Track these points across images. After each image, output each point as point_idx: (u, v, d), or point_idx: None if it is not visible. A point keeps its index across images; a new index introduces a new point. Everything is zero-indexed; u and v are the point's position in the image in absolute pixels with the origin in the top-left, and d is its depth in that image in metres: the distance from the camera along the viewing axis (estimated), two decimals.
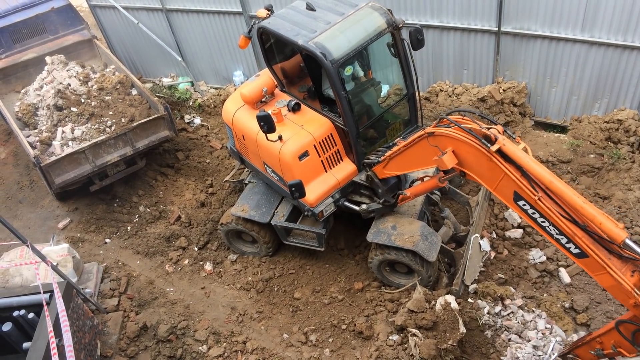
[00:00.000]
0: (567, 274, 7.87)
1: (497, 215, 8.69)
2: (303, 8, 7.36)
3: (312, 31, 6.93)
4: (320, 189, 7.67)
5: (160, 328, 8.03)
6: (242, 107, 8.23)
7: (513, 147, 5.33)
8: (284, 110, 7.77)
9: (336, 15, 7.07)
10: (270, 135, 7.15)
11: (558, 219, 5.16)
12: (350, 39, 6.89)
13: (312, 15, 7.20)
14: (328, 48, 6.75)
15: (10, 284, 7.99)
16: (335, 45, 6.80)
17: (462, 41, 9.88)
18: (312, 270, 8.75)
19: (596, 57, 8.96)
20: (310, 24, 7.07)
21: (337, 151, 7.71)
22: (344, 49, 6.83)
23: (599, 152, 9.24)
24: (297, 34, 7.00)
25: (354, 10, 7.08)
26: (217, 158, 11.18)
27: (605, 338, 5.46)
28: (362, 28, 6.96)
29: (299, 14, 7.33)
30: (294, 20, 7.23)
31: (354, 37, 6.92)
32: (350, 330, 7.75)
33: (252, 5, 11.18)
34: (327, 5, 7.32)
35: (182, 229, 9.90)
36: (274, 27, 7.28)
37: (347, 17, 7.01)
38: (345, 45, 6.85)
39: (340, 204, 7.91)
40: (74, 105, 10.31)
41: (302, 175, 7.39)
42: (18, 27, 11.60)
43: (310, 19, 7.16)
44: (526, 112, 10.15)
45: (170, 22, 12.39)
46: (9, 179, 11.33)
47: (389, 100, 8.01)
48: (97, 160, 9.67)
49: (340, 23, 6.97)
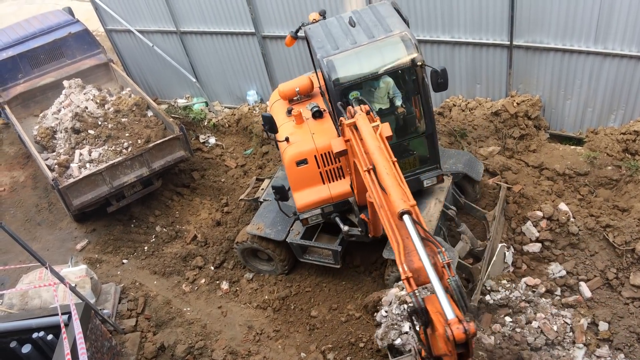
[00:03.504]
0: (587, 288, 7.74)
1: (515, 229, 8.60)
2: (347, 21, 7.28)
3: (335, 47, 6.91)
4: (311, 198, 7.80)
5: (178, 348, 8.03)
6: (279, 100, 8.62)
7: (363, 122, 5.62)
8: (307, 114, 7.88)
9: (366, 37, 6.89)
10: (279, 135, 7.39)
11: (375, 191, 5.23)
12: (363, 66, 6.82)
13: (347, 31, 7.09)
14: (337, 70, 6.76)
15: (30, 306, 8.06)
16: (345, 69, 6.79)
17: (474, 56, 9.88)
18: (329, 287, 8.71)
19: (610, 69, 8.90)
20: (339, 39, 7.01)
21: (340, 167, 7.73)
22: (352, 75, 6.80)
23: (617, 164, 9.13)
24: (322, 46, 7.00)
25: (384, 36, 6.84)
26: (232, 177, 11.25)
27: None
28: (380, 57, 6.82)
29: (339, 26, 7.24)
30: (330, 32, 7.18)
31: (368, 64, 6.82)
32: (368, 348, 7.67)
33: (264, 26, 11.32)
34: (366, 23, 7.12)
35: (199, 248, 9.93)
36: (310, 33, 7.33)
37: (375, 41, 6.83)
38: (356, 71, 6.81)
39: (331, 217, 7.98)
40: (91, 128, 10.46)
41: (296, 179, 7.62)
42: (36, 53, 11.84)
43: (343, 34, 7.08)
44: (541, 125, 10.09)
45: (184, 44, 12.57)
46: (28, 201, 11.48)
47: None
48: (114, 182, 9.78)
49: (364, 46, 6.83)
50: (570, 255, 8.14)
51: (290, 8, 10.75)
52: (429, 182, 7.77)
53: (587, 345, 7.03)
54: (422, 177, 7.70)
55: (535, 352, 7.03)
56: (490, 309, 7.58)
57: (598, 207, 8.55)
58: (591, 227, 8.13)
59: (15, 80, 11.73)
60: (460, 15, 9.47)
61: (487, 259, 7.76)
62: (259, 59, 11.99)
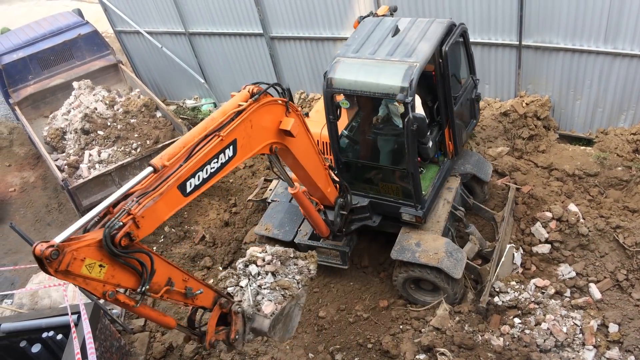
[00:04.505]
0: (597, 289, 7.69)
1: (524, 230, 8.55)
2: (392, 25, 7.07)
3: (356, 51, 6.90)
4: None
5: (186, 348, 8.04)
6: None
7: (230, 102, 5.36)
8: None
9: (385, 53, 6.73)
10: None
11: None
12: (358, 81, 6.72)
13: (382, 39, 6.92)
14: (335, 73, 6.77)
15: (40, 306, 8.12)
16: (342, 76, 6.76)
17: (482, 56, 9.85)
18: (337, 288, 8.70)
19: (620, 69, 8.83)
20: (368, 44, 6.94)
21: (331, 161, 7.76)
22: (344, 84, 6.78)
23: (627, 165, 9.06)
24: (350, 44, 7.04)
25: (398, 59, 6.61)
26: (241, 177, 11.26)
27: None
28: (376, 79, 6.62)
29: (382, 30, 7.09)
30: (371, 32, 7.10)
31: (363, 82, 6.69)
32: (376, 349, 7.66)
33: (272, 27, 11.34)
34: (404, 38, 6.85)
35: (207, 248, 9.95)
36: (357, 29, 7.32)
37: (389, 60, 6.66)
38: (348, 83, 6.77)
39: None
40: (101, 129, 10.52)
41: None
42: (46, 54, 11.92)
43: (376, 40, 6.95)
44: (550, 125, 10.03)
45: (193, 45, 12.61)
46: (38, 202, 11.56)
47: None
48: (123, 182, 9.81)
49: (376, 61, 6.69)
50: (580, 256, 8.09)
51: (299, 9, 10.77)
52: (407, 217, 7.64)
53: (597, 347, 6.98)
54: (402, 209, 7.60)
55: (545, 353, 6.99)
56: (499, 310, 7.54)
57: (608, 208, 8.49)
58: (601, 228, 8.07)
59: (26, 81, 11.81)
60: (468, 15, 9.43)
61: (496, 260, 7.73)
62: (267, 60, 12.01)
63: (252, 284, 6.74)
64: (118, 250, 4.21)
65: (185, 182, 4.75)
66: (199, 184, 4.90)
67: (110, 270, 4.26)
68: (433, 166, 8.08)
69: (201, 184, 4.93)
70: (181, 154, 4.71)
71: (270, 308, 6.55)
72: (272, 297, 6.68)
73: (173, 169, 4.66)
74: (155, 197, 4.47)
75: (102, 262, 4.19)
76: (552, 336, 7.08)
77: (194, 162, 4.78)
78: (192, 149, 4.76)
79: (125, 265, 4.35)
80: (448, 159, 8.09)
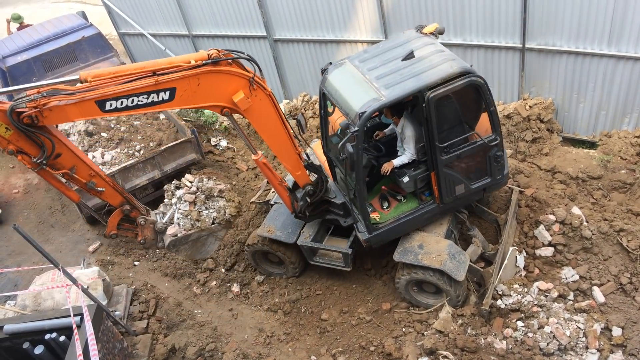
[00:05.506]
0: (601, 292, 7.67)
1: (527, 233, 8.54)
2: (409, 51, 6.82)
3: (363, 60, 7.06)
4: None
5: (189, 350, 8.05)
6: None
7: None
8: None
9: (377, 76, 6.69)
10: None
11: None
12: (338, 90, 6.93)
13: (391, 58, 6.90)
14: (330, 74, 7.19)
15: (42, 307, 8.12)
16: (332, 79, 7.13)
17: (486, 59, 9.84)
18: (339, 290, 8.70)
19: (624, 72, 8.82)
20: (377, 58, 6.99)
21: None
22: (329, 88, 7.13)
23: (630, 168, 9.04)
24: (366, 51, 7.28)
25: (377, 86, 6.56)
26: (244, 180, 11.26)
27: None
28: (349, 96, 6.69)
29: (401, 48, 7.02)
30: (391, 47, 7.12)
31: (340, 93, 6.88)
32: (379, 351, 7.65)
33: (275, 30, 11.36)
34: (405, 65, 6.72)
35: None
36: (390, 38, 7.56)
37: (372, 83, 6.64)
38: (332, 88, 7.06)
39: None
40: (104, 131, 10.55)
41: None
42: (50, 56, 11.97)
43: (386, 57, 6.94)
44: (554, 128, 10.02)
45: (196, 47, 12.64)
46: (42, 203, 11.59)
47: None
48: (126, 184, 9.85)
49: (364, 80, 6.74)
50: (583, 259, 8.07)
51: (302, 11, 10.79)
52: (359, 233, 7.68)
53: (600, 350, 6.96)
54: (359, 223, 7.64)
55: (548, 357, 6.98)
56: (501, 314, 7.53)
57: (611, 211, 8.47)
58: (604, 231, 8.05)
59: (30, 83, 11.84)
60: (472, 18, 9.44)
61: (499, 263, 7.71)
62: (271, 62, 12.03)
63: (176, 205, 8.48)
64: (19, 125, 5.71)
65: (105, 102, 5.88)
66: (121, 107, 5.96)
67: (15, 135, 5.87)
68: (413, 201, 7.75)
69: (124, 108, 5.98)
70: (108, 77, 5.85)
71: (172, 230, 8.60)
72: (181, 222, 8.64)
73: (96, 86, 5.82)
74: (69, 101, 5.79)
75: (8, 127, 5.78)
76: (555, 339, 7.06)
77: (120, 90, 5.84)
78: (124, 78, 5.83)
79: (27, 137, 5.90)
80: (435, 204, 7.62)
